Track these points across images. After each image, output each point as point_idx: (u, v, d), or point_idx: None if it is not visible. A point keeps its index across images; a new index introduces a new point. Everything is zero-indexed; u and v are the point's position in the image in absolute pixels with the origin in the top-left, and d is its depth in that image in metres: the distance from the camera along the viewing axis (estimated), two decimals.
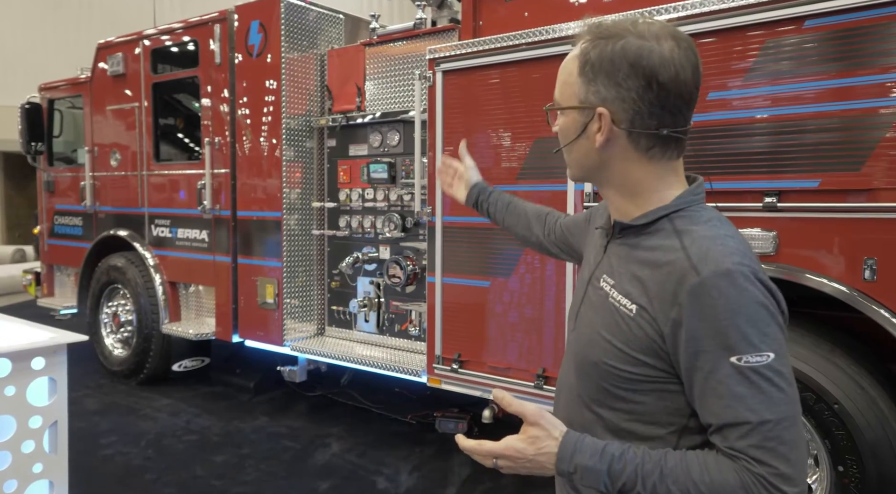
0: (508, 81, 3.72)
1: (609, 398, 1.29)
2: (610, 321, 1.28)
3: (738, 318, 1.14)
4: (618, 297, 1.28)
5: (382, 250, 4.86)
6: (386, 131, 4.77)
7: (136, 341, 6.06)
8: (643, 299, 1.23)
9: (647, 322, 1.22)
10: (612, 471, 1.19)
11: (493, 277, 3.82)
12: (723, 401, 1.15)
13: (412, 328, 4.69)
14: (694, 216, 1.28)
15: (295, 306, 5.10)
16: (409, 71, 4.61)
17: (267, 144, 5.05)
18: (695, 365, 1.17)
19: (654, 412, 1.25)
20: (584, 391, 1.34)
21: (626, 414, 1.28)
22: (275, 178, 5.01)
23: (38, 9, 15.14)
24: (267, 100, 5.01)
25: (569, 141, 1.35)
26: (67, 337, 2.07)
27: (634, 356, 1.23)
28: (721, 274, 1.15)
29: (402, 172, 4.67)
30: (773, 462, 1.12)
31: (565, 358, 1.46)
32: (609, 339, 1.27)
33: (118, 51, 6.11)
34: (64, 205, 7.01)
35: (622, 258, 1.32)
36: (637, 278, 1.26)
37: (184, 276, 5.85)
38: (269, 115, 5.01)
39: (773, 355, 1.14)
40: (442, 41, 4.42)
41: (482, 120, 3.84)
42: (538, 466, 1.26)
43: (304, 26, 5.02)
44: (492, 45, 3.75)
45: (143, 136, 5.96)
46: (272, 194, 5.03)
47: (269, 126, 5.02)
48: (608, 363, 1.27)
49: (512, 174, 3.72)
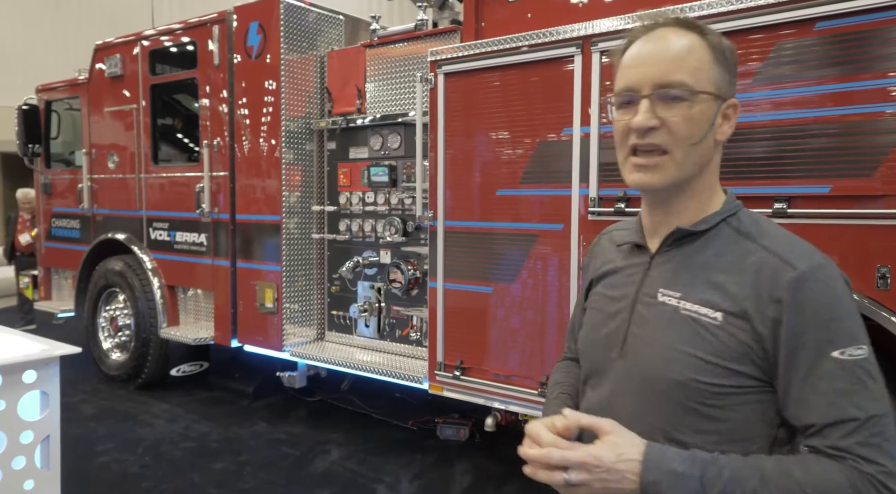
0: (511, 84, 3.65)
1: (697, 419, 1.19)
2: (689, 334, 1.19)
3: (837, 310, 1.12)
4: (693, 307, 1.20)
5: (383, 255, 4.79)
6: (387, 134, 4.71)
7: (134, 345, 6.00)
8: (728, 304, 1.17)
9: (738, 327, 1.16)
10: (707, 478, 1.09)
11: (496, 282, 3.75)
12: (826, 398, 1.10)
13: (413, 334, 4.63)
14: (752, 218, 1.26)
15: (294, 311, 5.04)
16: (410, 73, 4.55)
17: (266, 147, 4.98)
18: (794, 363, 1.12)
19: (745, 428, 1.18)
20: (662, 418, 1.21)
21: (714, 436, 1.18)
22: (274, 180, 4.94)
23: (36, 9, 15.08)
24: (266, 101, 4.95)
25: (700, 134, 1.21)
26: (60, 349, 2.00)
27: (727, 366, 1.16)
28: (816, 267, 1.14)
29: (402, 176, 4.61)
30: (881, 459, 1.07)
31: (611, 389, 1.30)
32: (693, 353, 1.18)
33: (116, 52, 6.04)
34: (61, 207, 6.95)
35: (681, 268, 1.25)
36: (714, 285, 1.19)
37: (182, 280, 5.78)
38: (268, 117, 4.95)
39: (867, 347, 1.12)
40: (444, 43, 4.36)
41: (484, 123, 3.77)
42: (618, 478, 1.12)
43: (304, 27, 4.96)
44: (494, 47, 3.69)
45: (141, 138, 5.90)
46: (271, 197, 4.97)
47: (268, 128, 4.96)
48: (697, 380, 1.17)
49: (515, 179, 3.66)
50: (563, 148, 3.45)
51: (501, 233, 3.72)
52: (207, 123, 5.36)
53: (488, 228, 3.78)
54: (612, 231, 1.51)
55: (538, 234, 3.57)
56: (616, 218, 3.17)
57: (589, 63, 3.31)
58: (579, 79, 3.35)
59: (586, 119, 3.34)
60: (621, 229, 1.47)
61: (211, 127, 5.34)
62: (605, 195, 3.30)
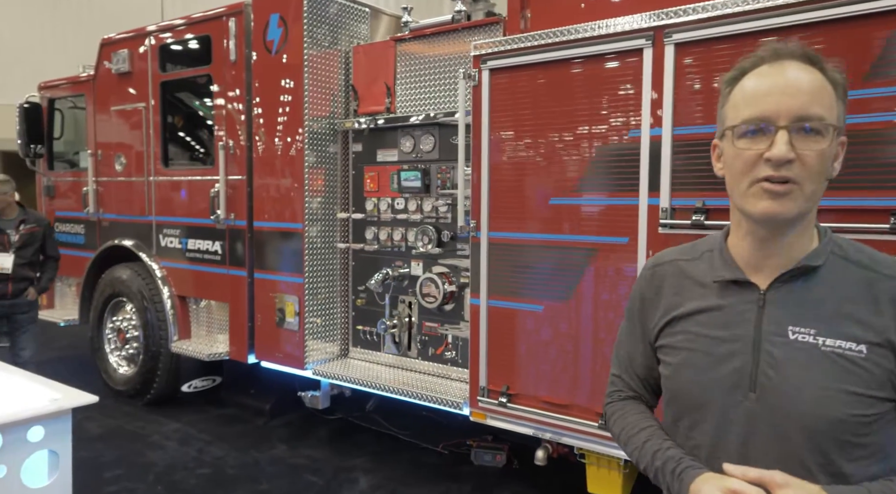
0: (566, 81, 3.29)
1: (850, 449, 1.22)
2: (838, 370, 1.21)
3: None
4: (836, 343, 1.22)
5: (414, 266, 4.43)
6: (419, 135, 4.35)
7: (143, 359, 5.64)
8: (871, 336, 1.20)
9: (883, 357, 1.20)
10: None
11: (548, 300, 3.39)
12: None
13: (448, 352, 4.27)
14: (852, 245, 1.30)
15: (316, 325, 4.68)
16: (446, 69, 4.19)
17: (287, 149, 4.62)
18: None
19: (888, 446, 1.23)
20: (818, 454, 1.22)
21: (865, 460, 1.22)
22: (296, 185, 4.58)
23: (37, 5, 14.71)
24: (287, 100, 4.59)
25: (827, 169, 1.24)
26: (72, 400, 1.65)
27: (874, 394, 1.20)
28: None
29: (437, 181, 4.24)
30: None
31: (743, 433, 1.27)
32: (847, 389, 1.20)
33: (123, 47, 5.68)
34: (65, 211, 6.59)
35: (806, 304, 1.25)
36: (851, 318, 1.22)
37: (194, 290, 5.42)
38: (289, 116, 4.59)
39: None
40: (483, 36, 4.00)
41: (534, 123, 3.41)
42: None
43: (328, 20, 4.59)
44: (546, 39, 3.33)
45: (151, 138, 5.54)
46: (293, 203, 4.60)
47: (289, 129, 4.60)
48: (854, 414, 1.20)
49: (569, 186, 3.29)
50: (628, 152, 3.09)
51: (554, 246, 3.36)
52: (222, 123, 5.00)
53: (539, 240, 3.41)
54: (675, 261, 1.44)
55: (598, 247, 3.21)
56: (693, 232, 2.82)
57: (661, 57, 2.95)
58: (649, 75, 2.99)
59: (657, 120, 2.98)
60: (686, 258, 1.42)
61: (226, 127, 4.97)
62: (678, 206, 2.94)
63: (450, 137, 4.19)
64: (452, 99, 4.16)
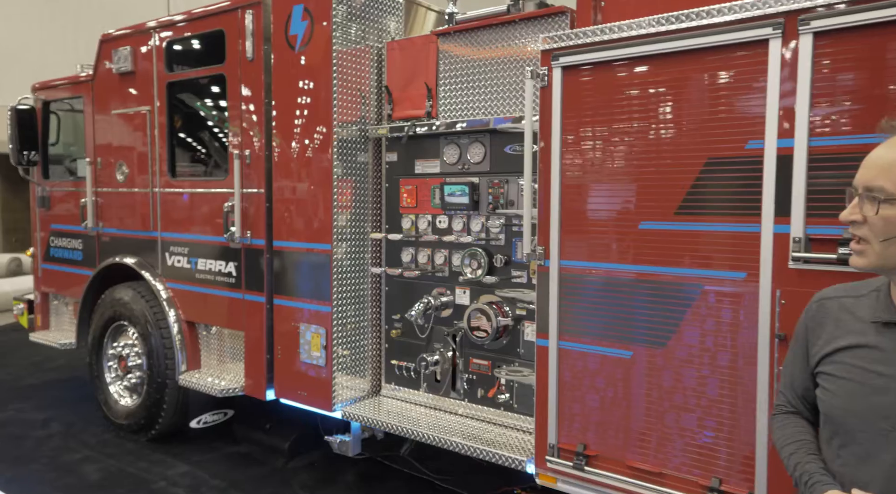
0: (663, 80, 2.72)
1: None
2: None
3: None
4: None
5: (460, 294, 3.86)
6: (466, 144, 3.78)
7: (147, 390, 5.07)
8: None
9: None
10: None
11: (639, 345, 2.82)
12: None
13: (501, 395, 3.69)
14: None
15: (343, 357, 4.10)
16: (500, 68, 3.62)
17: (312, 159, 4.05)
18: None
19: None
20: None
21: None
22: (323, 200, 4.01)
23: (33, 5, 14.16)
24: (313, 103, 4.02)
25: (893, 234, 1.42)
26: None
27: None
28: None
29: (488, 197, 3.67)
30: None
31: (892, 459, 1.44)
32: None
33: (126, 44, 5.11)
34: (61, 225, 6.02)
35: None
36: None
37: (205, 315, 4.85)
38: (315, 122, 4.02)
39: None
40: (544, 29, 3.43)
41: (620, 132, 2.84)
42: None
43: (358, 12, 4.02)
44: (636, 30, 2.76)
45: (156, 146, 4.97)
46: (319, 221, 4.03)
47: (315, 136, 4.02)
48: None
49: (668, 208, 2.72)
50: (746, 168, 2.51)
51: (646, 280, 2.78)
52: (237, 129, 4.43)
53: (625, 271, 2.84)
54: (839, 298, 1.63)
55: (704, 283, 2.64)
56: (839, 269, 2.24)
57: (795, 50, 2.37)
58: (776, 73, 2.42)
59: (787, 129, 2.40)
60: (852, 295, 1.61)
61: (242, 134, 4.40)
62: (817, 236, 2.36)
63: (503, 145, 3.63)
64: (508, 102, 3.60)
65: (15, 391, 6.47)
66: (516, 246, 3.60)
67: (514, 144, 3.58)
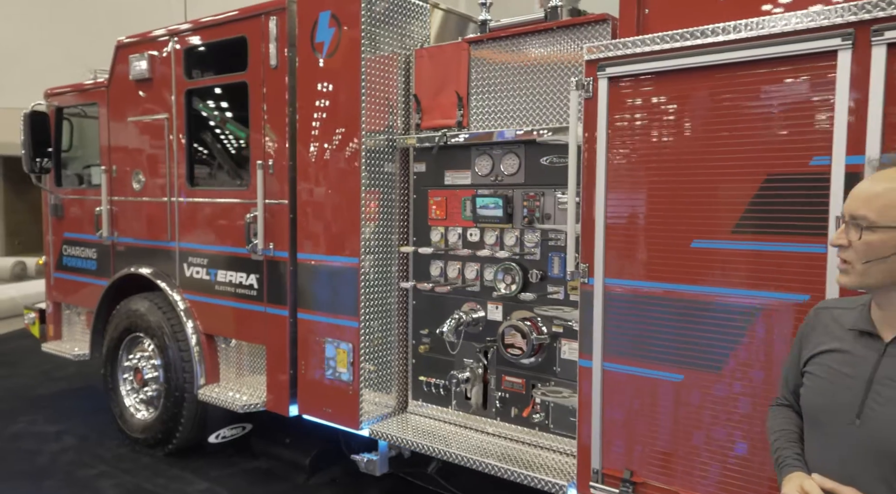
0: (716, 93, 2.60)
1: None
2: None
3: None
4: None
5: (492, 309, 3.74)
6: (499, 155, 3.66)
7: (164, 404, 4.95)
8: None
9: None
10: None
11: (690, 368, 2.70)
12: None
13: (536, 415, 3.57)
14: None
15: (369, 372, 3.99)
16: (535, 77, 3.51)
17: (339, 169, 3.94)
18: None
19: None
20: (891, 473, 1.58)
21: None
22: (350, 212, 3.89)
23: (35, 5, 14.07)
24: (340, 112, 3.91)
25: (880, 256, 1.60)
26: None
27: None
28: None
29: (523, 210, 3.56)
30: None
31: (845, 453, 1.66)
32: None
33: (143, 50, 5.00)
34: (74, 233, 5.91)
35: None
36: None
37: (224, 328, 4.74)
38: (342, 131, 3.90)
39: None
40: (582, 38, 3.32)
41: (670, 146, 2.73)
42: None
43: (385, 19, 3.91)
44: (690, 40, 2.64)
45: (175, 154, 4.86)
46: (346, 234, 3.92)
47: (342, 146, 3.91)
48: None
49: (723, 225, 2.60)
50: (811, 186, 2.39)
51: (698, 301, 2.66)
52: (260, 138, 4.32)
53: (676, 291, 2.72)
54: (832, 309, 1.87)
55: (762, 306, 2.52)
56: None
57: (867, 62, 2.26)
58: (846, 86, 2.30)
59: (857, 145, 2.29)
60: (843, 308, 1.83)
61: (265, 143, 4.29)
62: None
63: (540, 157, 3.51)
64: (545, 112, 3.48)
65: (26, 402, 6.35)
66: (552, 261, 3.49)
67: (551, 155, 3.47)
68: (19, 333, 9.03)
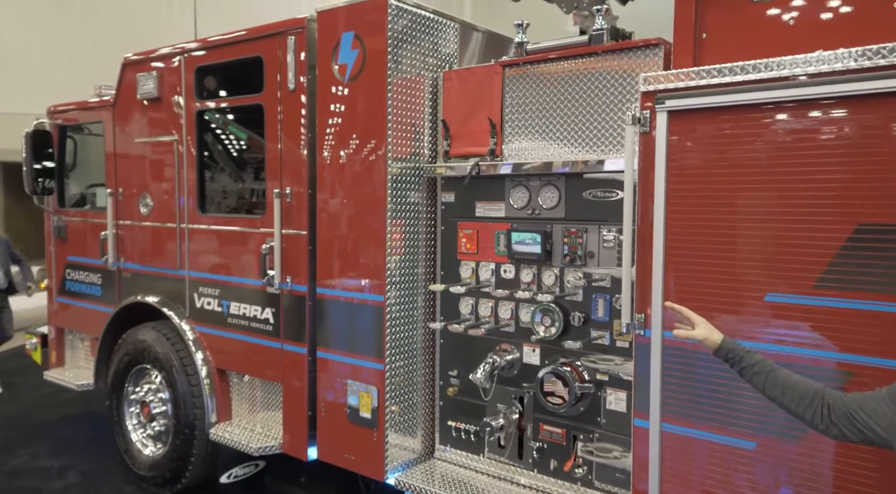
0: (799, 131, 2.34)
1: None
2: None
3: None
4: None
5: (528, 352, 3.48)
6: (537, 187, 3.40)
7: (173, 441, 4.68)
8: None
9: None
10: None
11: (765, 436, 2.43)
12: None
13: (579, 469, 3.30)
14: None
15: (394, 414, 3.72)
16: (577, 104, 3.24)
17: (363, 199, 3.68)
18: None
19: None
20: None
21: None
22: (375, 246, 3.63)
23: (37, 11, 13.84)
24: (363, 138, 3.65)
25: None
26: None
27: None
28: None
29: (563, 247, 3.29)
30: None
31: None
32: None
33: (151, 68, 4.75)
34: (78, 257, 5.65)
35: None
36: None
37: (237, 363, 4.47)
38: (366, 159, 3.65)
39: None
40: (633, 64, 3.05)
41: (740, 188, 2.46)
42: None
43: (411, 38, 3.65)
44: (765, 72, 2.38)
45: (185, 178, 4.60)
46: (371, 269, 3.66)
47: (366, 174, 3.66)
48: None
49: (805, 280, 2.34)
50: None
51: (777, 360, 2.39)
52: (277, 164, 4.06)
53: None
54: None
55: (852, 370, 2.26)
56: None
57: None
58: None
59: None
60: None
61: (282, 170, 4.03)
62: None
63: (582, 190, 3.25)
64: (588, 143, 3.22)
65: (27, 432, 6.09)
66: (597, 303, 3.22)
67: (595, 188, 3.21)
68: (19, 350, 8.76)
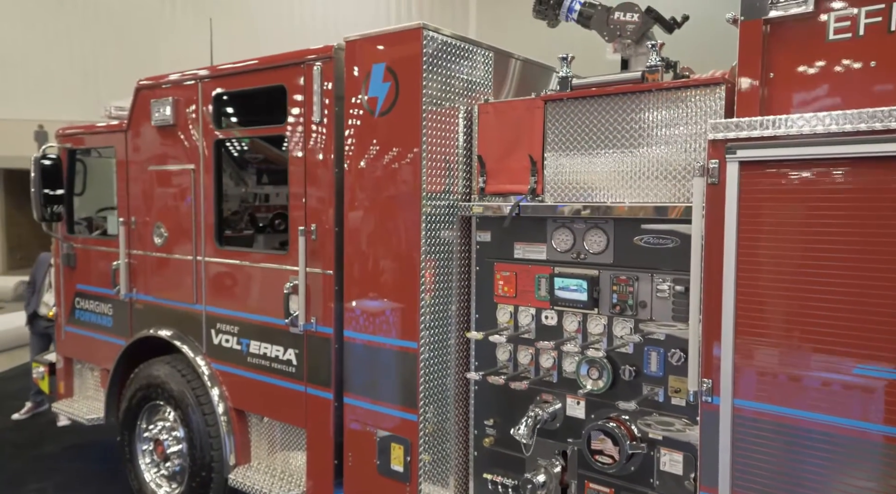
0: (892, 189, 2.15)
1: None
2: None
3: None
4: None
5: (571, 404, 3.28)
6: (582, 230, 3.20)
7: (188, 484, 4.49)
8: None
9: None
10: None
11: None
12: None
13: None
14: None
15: (426, 464, 3.52)
16: (629, 143, 3.04)
17: (394, 239, 3.48)
18: None
19: None
20: None
21: None
22: (408, 289, 3.44)
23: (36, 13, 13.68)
24: (395, 174, 3.45)
25: None
26: None
27: None
28: None
29: (612, 296, 3.09)
30: None
31: None
32: None
33: (167, 94, 4.55)
34: (88, 286, 5.45)
35: None
36: None
37: (257, 405, 4.27)
38: (398, 196, 3.45)
39: None
40: (691, 104, 2.86)
41: (826, 248, 2.26)
42: None
43: (446, 69, 3.45)
44: (853, 123, 2.18)
45: (202, 209, 4.40)
46: (402, 313, 3.46)
47: (398, 212, 3.46)
48: None
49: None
50: None
51: (868, 440, 2.20)
52: (301, 199, 3.86)
53: (835, 426, 2.26)
54: None
55: None
56: None
57: None
58: None
59: None
60: None
61: (307, 206, 3.84)
62: None
63: (633, 235, 3.05)
64: (639, 185, 3.02)
65: (33, 463, 5.89)
66: (649, 356, 3.02)
67: (647, 234, 3.01)
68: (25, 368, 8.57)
